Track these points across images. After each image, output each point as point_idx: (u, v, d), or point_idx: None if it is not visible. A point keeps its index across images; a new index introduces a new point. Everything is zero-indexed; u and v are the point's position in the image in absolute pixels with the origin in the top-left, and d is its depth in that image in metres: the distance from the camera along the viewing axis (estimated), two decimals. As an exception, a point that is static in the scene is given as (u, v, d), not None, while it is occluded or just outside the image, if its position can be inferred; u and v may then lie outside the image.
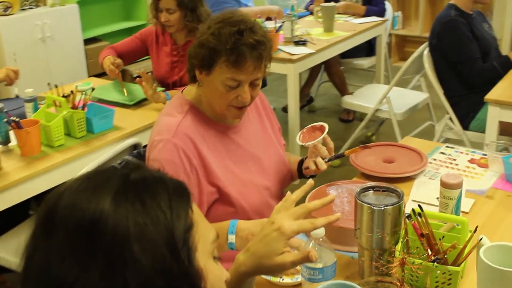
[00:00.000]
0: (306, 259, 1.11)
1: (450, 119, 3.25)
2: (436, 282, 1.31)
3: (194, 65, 1.64)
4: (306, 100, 4.93)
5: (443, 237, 1.30)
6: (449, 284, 1.31)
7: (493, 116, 2.71)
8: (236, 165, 1.72)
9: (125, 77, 3.21)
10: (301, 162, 1.89)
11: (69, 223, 0.72)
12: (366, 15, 4.44)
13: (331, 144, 1.78)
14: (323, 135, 1.75)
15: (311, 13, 4.61)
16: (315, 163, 1.75)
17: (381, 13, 4.51)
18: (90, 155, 2.38)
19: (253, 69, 1.57)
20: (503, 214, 1.72)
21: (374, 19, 4.37)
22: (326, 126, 1.77)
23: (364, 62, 4.69)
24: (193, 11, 2.82)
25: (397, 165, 1.98)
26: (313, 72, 4.83)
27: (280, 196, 1.86)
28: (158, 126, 1.68)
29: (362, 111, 3.92)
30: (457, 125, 3.22)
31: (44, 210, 0.75)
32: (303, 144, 1.77)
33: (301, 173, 1.89)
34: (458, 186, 1.56)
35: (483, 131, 3.13)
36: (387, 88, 3.58)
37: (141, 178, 0.77)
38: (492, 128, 2.73)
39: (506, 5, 5.36)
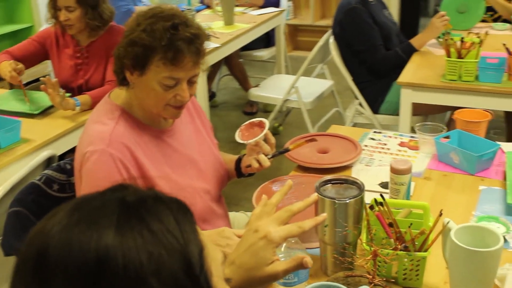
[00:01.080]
0: (301, 266, 1.05)
1: (360, 104, 3.30)
2: (404, 269, 1.30)
3: (124, 65, 1.52)
4: (208, 96, 4.84)
5: (411, 224, 1.29)
6: (417, 271, 1.30)
7: (406, 98, 2.78)
8: (174, 171, 1.62)
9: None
10: (239, 160, 1.82)
11: (68, 266, 0.61)
12: (264, 6, 4.43)
13: (273, 140, 1.73)
14: (264, 131, 1.69)
15: (208, 7, 4.53)
16: (258, 161, 1.69)
17: (277, 3, 4.53)
18: (0, 172, 2.17)
19: (192, 65, 1.48)
20: (444, 193, 1.75)
21: (271, 9, 4.37)
22: (266, 121, 1.71)
23: (264, 54, 4.68)
24: (95, 9, 2.66)
25: (332, 154, 1.96)
26: (214, 66, 4.75)
27: (219, 198, 1.79)
28: (88, 136, 1.54)
29: (270, 102, 3.91)
30: (367, 110, 3.28)
31: (31, 254, 0.63)
32: (245, 142, 1.71)
33: (239, 172, 1.82)
34: (408, 171, 1.56)
35: (392, 114, 3.22)
36: (294, 78, 3.58)
37: (139, 200, 0.67)
38: (406, 109, 2.80)
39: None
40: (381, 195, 1.34)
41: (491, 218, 1.55)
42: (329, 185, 1.38)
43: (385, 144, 2.08)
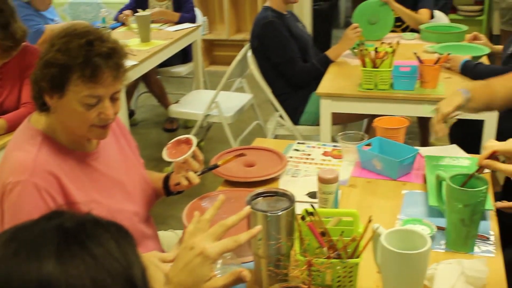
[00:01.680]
0: (239, 280, 1.04)
1: (281, 116, 3.34)
2: (338, 277, 1.32)
3: (42, 89, 1.46)
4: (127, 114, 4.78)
5: (343, 232, 1.31)
6: (350, 277, 1.32)
7: (326, 108, 2.84)
8: (101, 195, 1.58)
9: None
10: (166, 178, 1.80)
11: None
12: (179, 22, 4.42)
13: (201, 156, 1.73)
14: (192, 148, 1.68)
15: (123, 24, 4.47)
16: (187, 178, 1.68)
17: (193, 19, 4.53)
18: None
19: (112, 80, 1.44)
20: (369, 199, 1.80)
21: (187, 25, 4.36)
22: (193, 138, 1.70)
23: (182, 69, 4.67)
24: (6, 28, 2.56)
25: (259, 167, 1.97)
26: (131, 84, 4.68)
27: (147, 218, 1.76)
28: (9, 165, 1.47)
29: (191, 118, 3.89)
30: (288, 121, 3.33)
31: None
32: (173, 160, 1.69)
33: (168, 190, 1.80)
34: (335, 180, 1.59)
35: (312, 124, 3.29)
36: (214, 92, 3.58)
37: (77, 225, 0.65)
38: (326, 119, 2.86)
39: (303, 2, 5.69)
40: (312, 205, 1.36)
41: (416, 221, 1.60)
42: (260, 198, 1.38)
43: (309, 155, 2.11)
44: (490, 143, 1.61)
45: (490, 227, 1.62)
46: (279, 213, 1.30)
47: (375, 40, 3.54)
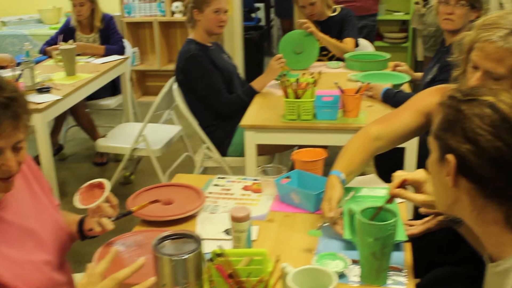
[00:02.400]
0: None
1: (208, 148, 3.32)
2: (248, 319, 1.30)
3: None
4: (55, 149, 4.66)
5: (250, 273, 1.29)
6: (260, 319, 1.30)
7: (250, 140, 2.83)
8: (9, 247, 1.50)
9: None
10: (81, 222, 1.74)
11: None
12: (106, 54, 4.37)
13: (115, 201, 1.68)
14: (105, 193, 1.64)
15: (49, 57, 4.38)
16: (100, 224, 1.63)
17: (121, 51, 4.48)
18: None
19: (12, 130, 1.37)
20: (286, 235, 1.79)
21: (115, 57, 4.31)
22: (107, 182, 1.66)
23: (111, 102, 4.60)
24: None
25: (176, 205, 1.94)
26: (59, 118, 4.58)
27: (62, 265, 1.69)
28: None
29: (118, 152, 3.82)
30: (215, 153, 3.31)
31: None
32: (86, 207, 1.64)
33: (82, 234, 1.74)
34: (247, 218, 1.57)
35: (240, 155, 3.28)
36: (141, 126, 3.54)
37: None
38: (251, 151, 2.86)
39: (234, 32, 5.74)
40: (220, 246, 1.34)
41: (330, 255, 1.60)
42: (168, 241, 1.35)
43: (229, 190, 2.10)
44: (399, 172, 1.64)
45: (404, 257, 1.64)
46: (184, 257, 1.27)
47: (301, 69, 3.59)
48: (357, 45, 4.03)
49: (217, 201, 2.01)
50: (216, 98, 3.23)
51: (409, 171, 2.19)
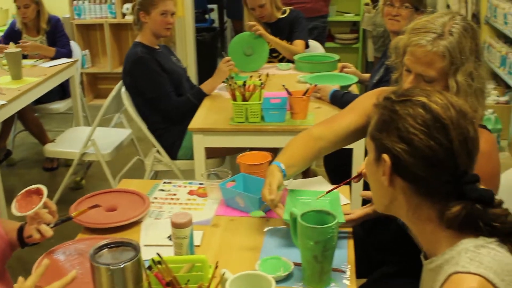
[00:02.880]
0: None
1: (158, 152, 3.30)
2: (188, 327, 1.29)
3: None
4: (3, 155, 4.56)
5: (188, 280, 1.28)
6: (201, 326, 1.30)
7: (199, 143, 2.82)
8: None
9: None
10: (21, 229, 1.70)
11: None
12: (56, 57, 4.30)
13: (54, 207, 1.65)
14: (43, 199, 1.61)
15: (-6, 61, 4.28)
16: (39, 231, 1.60)
17: (69, 54, 4.42)
18: None
19: None
20: (230, 239, 1.78)
21: (64, 60, 4.25)
22: (44, 188, 1.63)
23: (60, 106, 4.52)
24: None
25: (120, 212, 1.91)
26: (6, 123, 4.48)
27: (1, 273, 1.65)
28: None
29: (67, 157, 3.76)
30: (165, 157, 3.29)
31: None
32: (23, 214, 1.61)
33: (22, 241, 1.71)
34: (188, 224, 1.56)
35: (190, 158, 3.26)
36: (90, 130, 3.49)
37: None
38: (200, 154, 2.85)
39: (186, 34, 5.72)
40: (158, 254, 1.33)
41: (274, 259, 1.61)
42: (105, 250, 1.33)
43: (174, 195, 2.08)
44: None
45: (347, 258, 1.65)
46: (121, 266, 1.26)
47: (251, 71, 3.60)
48: (307, 46, 4.06)
49: (162, 207, 1.99)
50: (164, 101, 3.20)
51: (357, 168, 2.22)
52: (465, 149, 1.16)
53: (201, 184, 2.16)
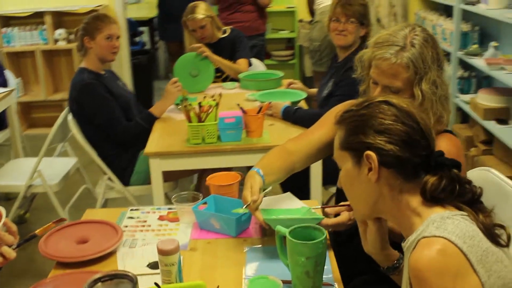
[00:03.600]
0: None
1: (109, 179, 3.22)
2: None
3: None
4: None
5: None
6: None
7: (156, 168, 2.78)
8: None
9: None
10: None
11: None
12: (-10, 88, 4.14)
13: (14, 227, 1.57)
14: (3, 220, 1.53)
15: None
16: (1, 254, 1.52)
17: (4, 83, 4.26)
18: None
19: None
20: (211, 262, 1.76)
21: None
22: (2, 209, 1.55)
23: (-3, 138, 4.34)
24: None
25: (93, 243, 1.85)
26: None
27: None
28: None
29: (12, 191, 3.61)
30: (117, 183, 3.21)
31: None
32: None
33: None
34: (176, 250, 1.53)
35: (143, 183, 3.21)
36: (36, 161, 3.36)
37: None
38: (157, 179, 2.80)
39: (122, 58, 5.64)
40: (156, 284, 1.29)
41: (261, 279, 1.59)
42: (99, 284, 1.29)
43: (145, 221, 2.04)
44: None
45: (331, 269, 1.66)
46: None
47: (198, 92, 3.59)
48: (250, 64, 4.09)
49: (134, 234, 1.94)
50: (114, 127, 3.14)
51: (316, 188, 2.28)
52: (429, 130, 1.33)
53: (170, 209, 2.12)
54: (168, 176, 3.05)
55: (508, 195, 1.74)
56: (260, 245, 1.83)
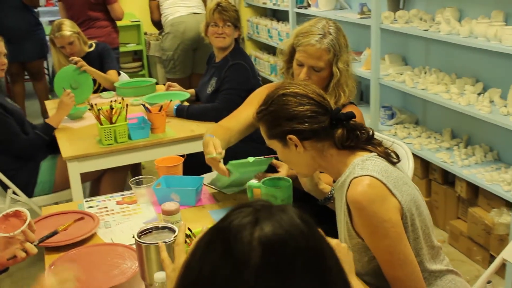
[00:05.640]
0: None
1: (14, 192, 3.30)
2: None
3: None
4: None
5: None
6: None
7: (74, 171, 2.96)
8: None
9: None
10: None
11: None
12: None
13: (35, 227, 1.78)
14: (28, 220, 1.73)
15: None
16: (24, 250, 1.71)
17: None
18: None
19: None
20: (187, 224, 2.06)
21: None
22: (25, 210, 1.75)
23: None
24: None
25: (76, 228, 2.04)
26: None
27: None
28: None
29: None
30: (22, 196, 3.30)
31: None
32: (9, 234, 1.71)
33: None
34: (178, 210, 1.84)
35: (48, 193, 3.34)
36: None
37: None
38: (75, 181, 2.97)
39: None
40: (189, 229, 1.60)
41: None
42: (148, 233, 1.57)
43: (106, 207, 2.27)
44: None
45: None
46: (172, 240, 1.51)
47: (81, 103, 3.76)
48: (119, 74, 4.35)
49: (104, 218, 2.17)
50: (14, 141, 3.22)
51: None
52: (321, 98, 1.69)
53: (122, 195, 2.37)
54: (83, 177, 3.22)
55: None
56: (218, 208, 2.18)
